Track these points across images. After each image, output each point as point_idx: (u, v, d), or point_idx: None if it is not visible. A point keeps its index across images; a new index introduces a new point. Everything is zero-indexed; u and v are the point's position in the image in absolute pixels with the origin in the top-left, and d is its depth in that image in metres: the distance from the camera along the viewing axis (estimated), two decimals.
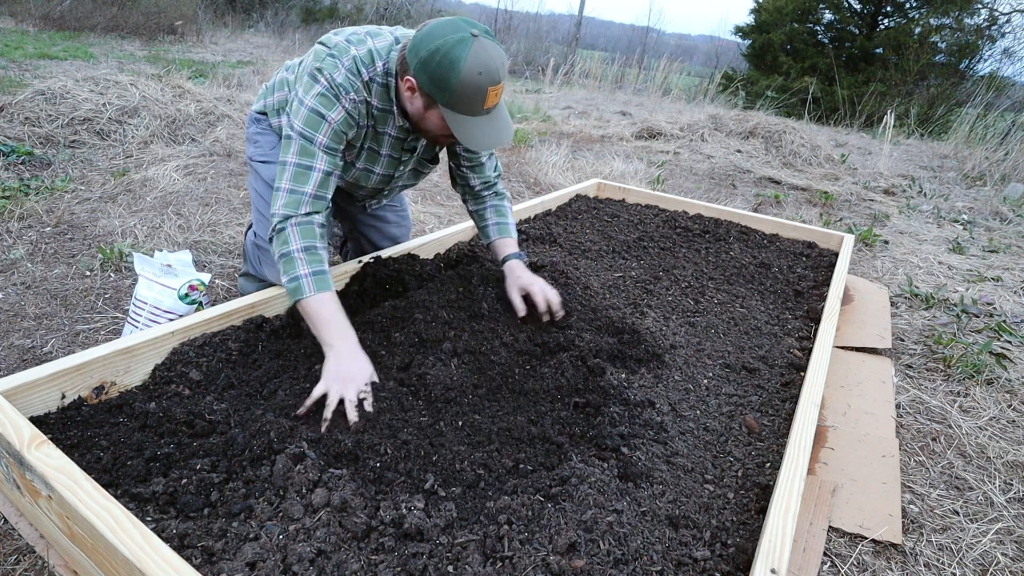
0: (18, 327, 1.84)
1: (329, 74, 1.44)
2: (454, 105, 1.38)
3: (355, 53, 1.48)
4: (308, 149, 1.44)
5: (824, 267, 2.64)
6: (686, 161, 5.35)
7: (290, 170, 1.44)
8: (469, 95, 1.36)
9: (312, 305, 1.40)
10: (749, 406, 1.63)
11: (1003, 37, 12.10)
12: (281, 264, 1.43)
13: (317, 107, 1.44)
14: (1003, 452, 1.73)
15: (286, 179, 1.45)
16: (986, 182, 5.50)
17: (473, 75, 1.33)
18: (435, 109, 1.43)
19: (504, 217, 1.87)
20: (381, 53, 1.50)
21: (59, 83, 3.85)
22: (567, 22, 18.39)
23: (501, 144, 1.47)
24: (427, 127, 1.52)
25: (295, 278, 1.41)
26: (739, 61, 15.95)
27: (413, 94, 1.45)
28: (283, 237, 1.43)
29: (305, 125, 1.44)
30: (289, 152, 1.45)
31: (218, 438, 1.21)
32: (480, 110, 1.40)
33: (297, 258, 1.41)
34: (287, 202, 1.44)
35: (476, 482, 1.21)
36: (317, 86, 1.45)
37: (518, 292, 1.72)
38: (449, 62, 1.33)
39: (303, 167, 1.45)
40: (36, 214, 2.61)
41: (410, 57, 1.40)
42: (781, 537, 1.07)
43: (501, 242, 1.83)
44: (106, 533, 0.89)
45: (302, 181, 1.44)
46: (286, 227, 1.43)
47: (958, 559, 1.35)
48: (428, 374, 1.47)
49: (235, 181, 3.36)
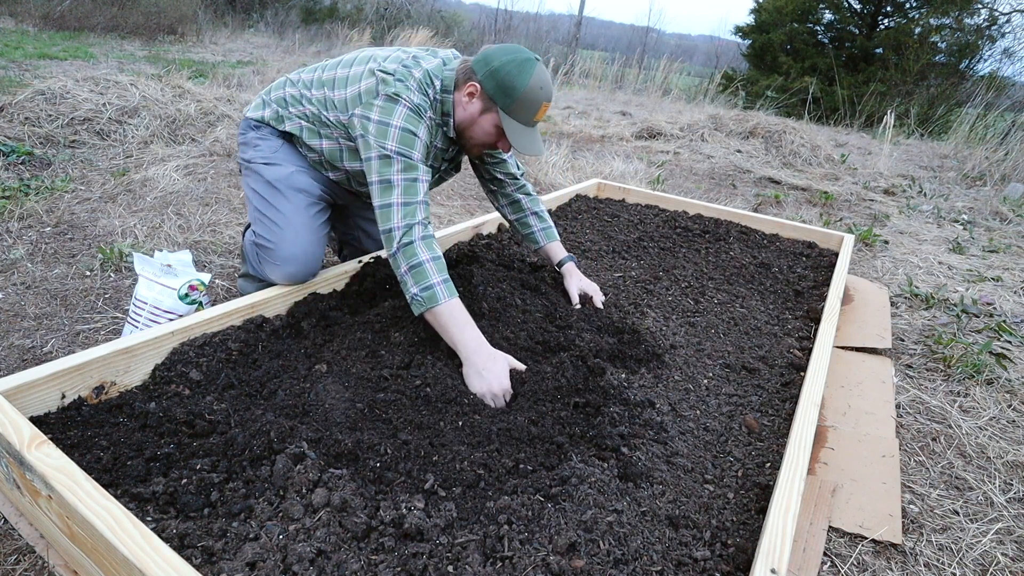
0: (18, 327, 1.84)
1: (408, 97, 1.59)
2: (512, 111, 1.61)
3: (418, 76, 1.63)
4: (410, 164, 1.57)
5: (824, 267, 2.64)
6: (686, 161, 5.35)
7: (400, 186, 1.56)
8: (527, 104, 1.60)
9: (446, 312, 1.50)
10: (749, 406, 1.63)
11: (1003, 37, 12.10)
12: (411, 275, 1.52)
13: (407, 127, 1.58)
14: (1003, 452, 1.73)
15: (397, 194, 1.55)
16: (986, 182, 5.50)
17: (535, 88, 1.59)
18: (491, 114, 1.64)
19: (547, 222, 2.07)
20: (436, 74, 1.67)
21: (59, 83, 3.85)
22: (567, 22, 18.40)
23: (538, 152, 1.68)
24: (473, 132, 1.70)
25: (428, 287, 1.50)
26: (739, 61, 15.96)
27: (471, 99, 1.65)
28: (411, 250, 1.53)
29: (401, 144, 1.57)
30: (392, 170, 1.56)
31: (218, 438, 1.21)
32: (530, 121, 1.64)
33: (428, 268, 1.51)
34: (405, 213, 1.55)
35: (476, 482, 1.21)
36: (400, 108, 1.58)
37: (577, 290, 1.97)
38: (519, 73, 1.58)
39: (410, 180, 1.57)
40: (36, 214, 2.61)
41: (478, 67, 1.62)
42: (781, 537, 1.07)
43: (552, 246, 2.06)
44: (106, 533, 0.89)
45: (412, 193, 1.56)
46: (413, 240, 1.53)
47: (958, 559, 1.35)
48: (428, 374, 1.47)
49: (235, 181, 3.36)
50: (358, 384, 1.45)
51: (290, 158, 1.82)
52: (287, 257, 1.72)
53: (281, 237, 1.73)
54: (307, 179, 1.81)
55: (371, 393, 1.43)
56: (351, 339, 1.61)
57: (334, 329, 1.69)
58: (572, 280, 2.00)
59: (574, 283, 1.99)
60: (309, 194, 1.80)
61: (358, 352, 1.57)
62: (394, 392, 1.43)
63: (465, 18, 18.44)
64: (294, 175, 1.79)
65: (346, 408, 1.36)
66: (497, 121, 1.65)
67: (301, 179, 1.80)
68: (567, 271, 2.02)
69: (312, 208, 1.80)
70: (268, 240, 1.74)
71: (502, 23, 17.65)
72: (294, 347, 1.61)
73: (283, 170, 1.79)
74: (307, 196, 1.80)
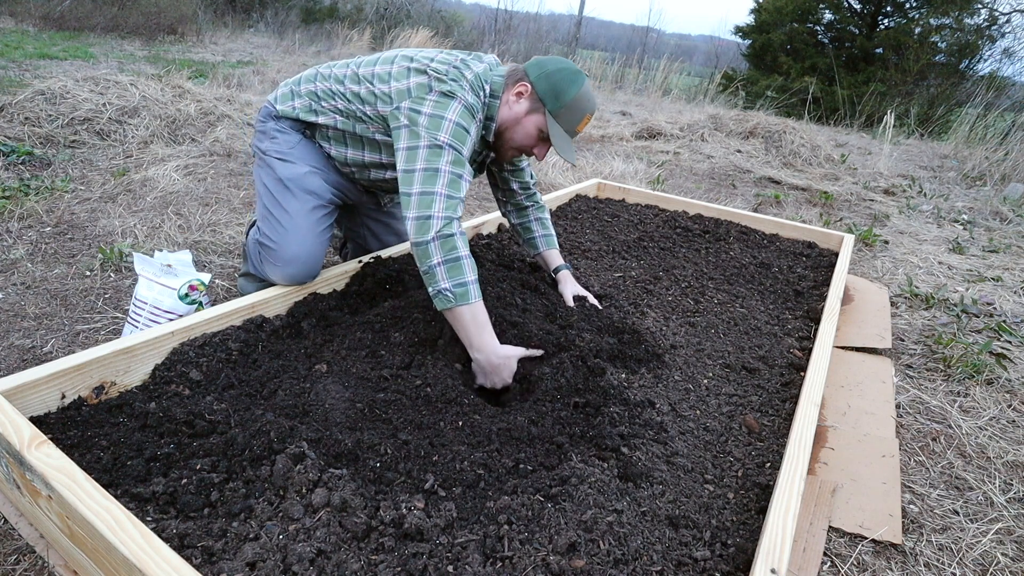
0: (18, 327, 1.84)
1: (462, 95, 1.60)
2: (558, 115, 1.67)
3: (470, 77, 1.64)
4: (459, 160, 1.57)
5: (824, 267, 2.64)
6: (686, 161, 5.36)
7: (446, 177, 1.54)
8: (574, 111, 1.67)
9: (472, 312, 1.51)
10: (749, 406, 1.63)
11: (1003, 37, 12.10)
12: (445, 267, 1.49)
13: (461, 123, 1.58)
14: (1003, 452, 1.73)
15: (442, 184, 1.53)
16: (986, 182, 5.50)
17: (584, 98, 1.67)
18: (537, 115, 1.68)
19: (549, 230, 2.11)
20: (486, 78, 1.69)
21: (59, 83, 3.85)
22: (567, 22, 18.39)
23: (573, 160, 1.74)
24: (514, 133, 1.72)
25: (463, 284, 1.49)
26: (739, 61, 15.95)
27: (519, 99, 1.69)
28: (451, 243, 1.50)
29: (454, 138, 1.57)
30: (441, 160, 1.55)
31: (218, 438, 1.21)
32: (572, 129, 1.70)
33: (466, 265, 1.51)
34: (447, 206, 1.53)
35: (476, 482, 1.21)
36: (455, 104, 1.58)
37: (572, 296, 1.98)
38: (572, 80, 1.66)
39: (456, 175, 1.56)
40: (36, 214, 2.61)
41: (532, 69, 1.68)
42: (781, 537, 1.07)
43: (550, 253, 2.09)
44: (106, 533, 0.89)
45: (456, 188, 1.56)
46: (453, 233, 1.51)
47: (958, 559, 1.35)
48: (428, 374, 1.47)
49: (235, 181, 3.35)
50: (358, 384, 1.45)
51: (306, 156, 1.80)
52: (289, 258, 1.72)
53: (285, 238, 1.73)
54: (319, 181, 1.79)
55: (371, 393, 1.43)
56: (351, 339, 1.61)
57: (334, 329, 1.69)
58: (567, 287, 2.02)
59: (568, 289, 2.01)
60: (319, 197, 1.79)
61: (358, 352, 1.57)
62: (394, 392, 1.43)
63: (465, 18, 18.43)
64: (307, 176, 1.77)
65: (346, 408, 1.36)
66: (542, 124, 1.68)
67: (313, 181, 1.78)
68: (562, 278, 2.04)
69: (319, 211, 1.79)
70: (272, 240, 1.74)
71: (502, 23, 17.64)
72: (294, 347, 1.61)
73: (297, 169, 1.77)
74: (316, 199, 1.78)
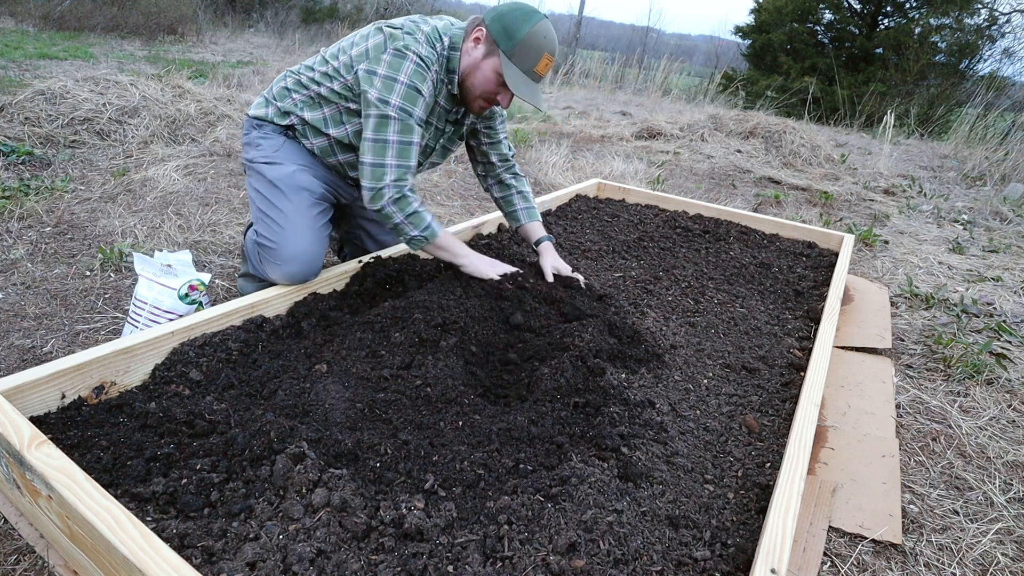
0: (18, 327, 1.84)
1: (415, 50, 1.60)
2: (513, 55, 1.62)
3: (426, 30, 1.66)
4: (408, 125, 1.62)
5: (824, 267, 2.64)
6: (686, 161, 5.35)
7: (394, 147, 1.62)
8: (529, 50, 1.62)
9: (444, 239, 1.76)
10: (749, 406, 1.63)
11: (1003, 37, 12.10)
12: (411, 220, 1.70)
13: (413, 82, 1.60)
14: (1003, 452, 1.73)
15: (391, 155, 1.63)
16: (986, 182, 5.50)
17: (539, 36, 1.62)
18: (493, 58, 1.66)
19: (530, 202, 2.12)
20: (444, 31, 1.70)
21: (59, 83, 3.85)
22: (567, 22, 18.38)
23: (537, 103, 1.68)
24: (474, 80, 1.70)
25: (427, 226, 1.72)
26: (739, 61, 15.94)
27: (476, 44, 1.68)
28: (404, 202, 1.68)
29: (404, 100, 1.60)
30: (389, 131, 1.61)
31: (218, 438, 1.21)
32: (531, 70, 1.65)
33: (423, 213, 1.71)
34: (397, 176, 1.65)
35: (476, 482, 1.21)
36: (407, 63, 1.59)
37: (551, 269, 2.00)
38: (524, 17, 1.62)
39: (404, 143, 1.63)
40: (36, 214, 2.61)
41: (488, 14, 1.66)
42: (781, 537, 1.07)
43: (532, 226, 2.10)
44: (106, 533, 0.89)
45: (406, 156, 1.64)
46: (404, 194, 1.67)
47: (958, 559, 1.35)
48: (428, 374, 1.47)
49: (235, 181, 3.36)
50: (358, 384, 1.45)
51: (292, 156, 1.82)
52: (288, 257, 1.72)
53: (283, 237, 1.73)
54: (309, 178, 1.81)
55: (371, 393, 1.43)
56: (351, 339, 1.61)
57: (334, 329, 1.69)
58: (547, 258, 2.03)
59: (548, 261, 2.02)
60: (312, 193, 1.80)
61: (358, 352, 1.57)
62: (394, 392, 1.43)
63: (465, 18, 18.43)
64: (296, 174, 1.79)
65: (346, 408, 1.36)
66: (498, 67, 1.65)
67: (303, 178, 1.79)
68: (543, 249, 2.06)
69: (314, 208, 1.80)
70: (270, 240, 1.74)
71: None
72: (294, 347, 1.61)
73: (285, 169, 1.79)
74: (309, 195, 1.79)
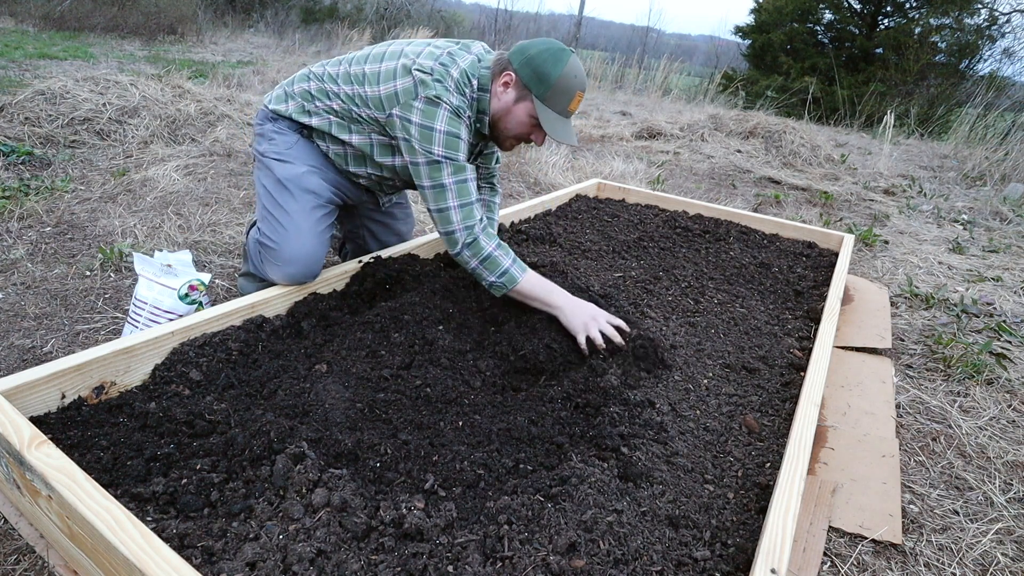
0: (18, 327, 1.84)
1: (448, 100, 1.60)
2: (547, 99, 1.64)
3: (455, 76, 1.64)
4: (459, 166, 1.63)
5: (824, 267, 2.64)
6: (686, 161, 5.35)
7: (453, 189, 1.63)
8: (562, 91, 1.63)
9: (527, 285, 1.67)
10: (749, 406, 1.63)
11: (1003, 37, 12.11)
12: (484, 266, 1.67)
13: (451, 130, 1.61)
14: (1003, 452, 1.73)
15: (451, 197, 1.64)
16: (986, 182, 5.50)
17: (570, 76, 1.63)
18: (525, 103, 1.66)
19: (493, 213, 2.11)
20: (472, 73, 1.69)
21: (59, 83, 3.85)
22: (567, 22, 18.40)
23: (571, 141, 1.72)
24: (507, 123, 1.72)
25: (504, 272, 1.66)
26: (739, 61, 15.95)
27: (507, 89, 1.68)
28: (477, 246, 1.66)
29: (447, 148, 1.61)
30: (443, 175, 1.62)
31: (218, 438, 1.21)
32: (565, 110, 1.67)
33: (498, 256, 1.66)
34: (464, 216, 1.65)
35: (476, 482, 1.21)
36: (441, 111, 1.60)
37: None
38: (554, 61, 1.62)
39: (461, 182, 1.64)
40: (36, 214, 2.61)
41: (514, 56, 1.66)
42: (781, 537, 1.07)
43: None
44: (106, 533, 0.89)
45: (466, 194, 1.65)
46: (476, 237, 1.65)
47: (958, 559, 1.35)
48: (428, 374, 1.47)
49: (235, 181, 3.35)
50: (358, 384, 1.45)
51: (304, 156, 1.80)
52: (289, 258, 1.72)
53: (285, 238, 1.73)
54: (318, 180, 1.79)
55: (371, 393, 1.43)
56: (351, 339, 1.61)
57: (334, 329, 1.69)
58: None
59: None
60: (318, 196, 1.79)
61: (358, 352, 1.57)
62: (394, 392, 1.43)
63: (465, 18, 18.45)
64: (305, 175, 1.77)
65: (346, 408, 1.36)
66: (532, 110, 1.66)
67: (312, 180, 1.78)
68: None
69: (319, 211, 1.79)
70: (272, 240, 1.74)
71: (502, 23, 17.64)
72: (294, 347, 1.61)
73: (295, 169, 1.77)
74: (315, 198, 1.78)
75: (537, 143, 1.75)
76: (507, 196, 3.76)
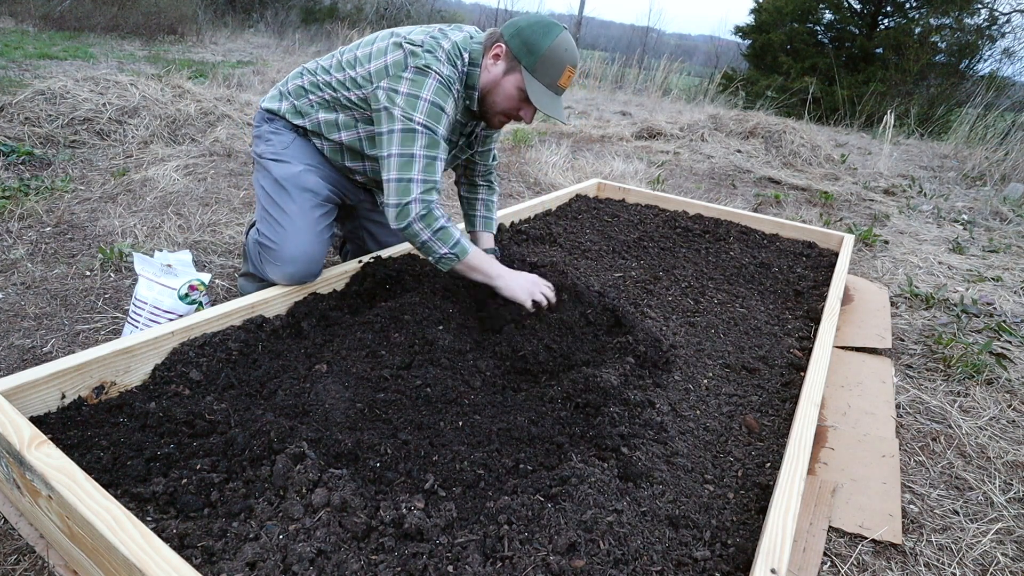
0: (18, 327, 1.84)
1: (438, 68, 1.58)
2: (536, 71, 1.61)
3: (447, 47, 1.63)
4: (434, 141, 1.60)
5: (824, 267, 2.64)
6: (686, 161, 5.35)
7: (421, 161, 1.59)
8: (552, 63, 1.60)
9: (475, 258, 1.69)
10: (749, 406, 1.63)
11: (1003, 37, 12.10)
12: (438, 237, 1.63)
13: (437, 100, 1.58)
14: (1003, 452, 1.73)
15: (418, 169, 1.59)
16: (986, 182, 5.50)
17: (560, 48, 1.60)
18: (514, 75, 1.64)
19: (491, 213, 2.09)
20: (464, 46, 1.67)
21: (59, 83, 3.85)
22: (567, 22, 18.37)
23: (560, 116, 1.67)
24: (496, 96, 1.69)
25: (457, 242, 1.65)
26: (739, 61, 15.95)
27: (496, 61, 1.66)
28: (431, 218, 1.62)
29: (428, 118, 1.58)
30: (416, 145, 1.58)
31: (218, 438, 1.21)
32: (554, 84, 1.63)
33: (451, 229, 1.64)
34: (424, 190, 1.60)
35: (476, 482, 1.21)
36: (430, 80, 1.57)
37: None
38: (544, 31, 1.60)
39: (430, 158, 1.60)
40: (36, 214, 2.61)
41: (506, 29, 1.65)
42: (781, 537, 1.07)
43: (483, 235, 2.07)
44: (106, 533, 0.89)
45: (431, 171, 1.61)
46: (430, 211, 1.61)
47: (958, 559, 1.35)
48: (428, 374, 1.47)
49: (235, 181, 3.36)
50: (358, 384, 1.45)
51: (300, 155, 1.80)
52: (288, 258, 1.72)
53: (284, 238, 1.73)
54: (316, 179, 1.79)
55: (371, 393, 1.43)
56: (351, 339, 1.61)
57: (334, 329, 1.69)
58: None
59: None
60: (316, 195, 1.79)
61: (358, 352, 1.57)
62: (394, 392, 1.43)
63: (465, 18, 18.46)
64: (302, 174, 1.78)
65: (346, 408, 1.36)
66: (520, 83, 1.63)
67: (309, 179, 1.78)
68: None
69: (318, 210, 1.79)
70: (271, 240, 1.74)
71: (502, 23, 17.66)
72: (294, 347, 1.61)
73: (292, 168, 1.77)
74: (314, 197, 1.78)
75: (526, 120, 1.72)
76: (507, 196, 3.76)
